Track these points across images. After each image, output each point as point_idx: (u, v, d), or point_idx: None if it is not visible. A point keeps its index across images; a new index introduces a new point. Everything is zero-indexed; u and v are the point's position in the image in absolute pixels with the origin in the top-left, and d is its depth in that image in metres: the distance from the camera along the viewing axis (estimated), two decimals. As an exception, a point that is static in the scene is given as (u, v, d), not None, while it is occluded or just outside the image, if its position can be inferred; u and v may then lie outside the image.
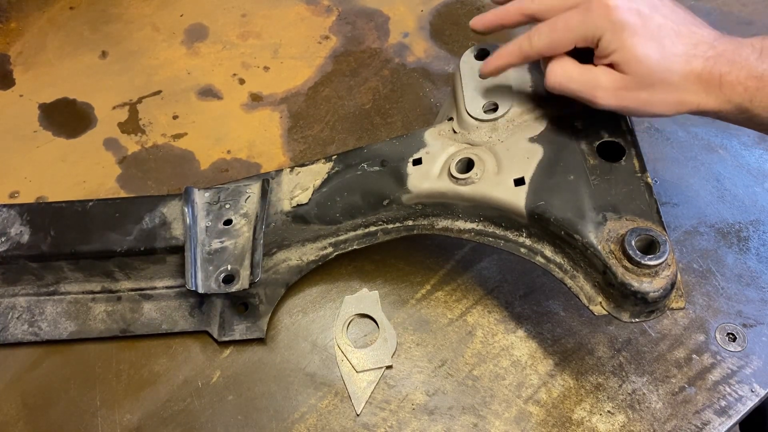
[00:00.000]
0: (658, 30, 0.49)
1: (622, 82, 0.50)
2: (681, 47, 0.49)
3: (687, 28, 0.50)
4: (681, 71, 0.49)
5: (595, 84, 0.51)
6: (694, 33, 0.50)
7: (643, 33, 0.49)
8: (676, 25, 0.50)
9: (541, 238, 0.57)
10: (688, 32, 0.50)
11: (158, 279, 0.65)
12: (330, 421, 0.60)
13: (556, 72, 0.53)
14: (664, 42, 0.49)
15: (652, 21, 0.49)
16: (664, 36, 0.49)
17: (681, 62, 0.49)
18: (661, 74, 0.49)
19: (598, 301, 0.53)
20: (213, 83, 0.85)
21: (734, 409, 0.59)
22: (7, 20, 0.92)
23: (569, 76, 0.52)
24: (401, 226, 0.63)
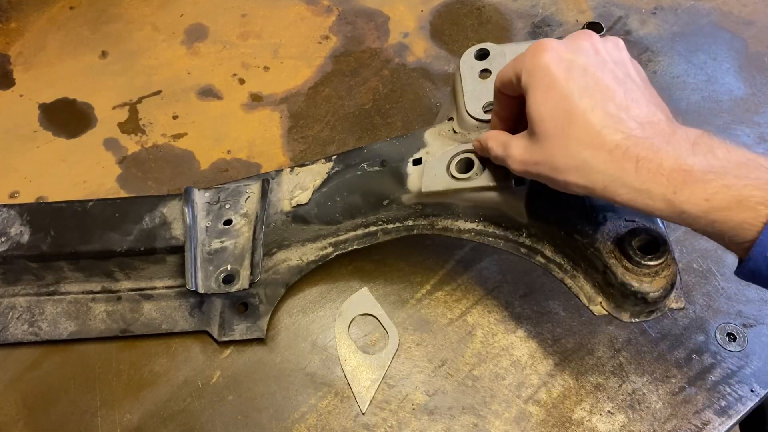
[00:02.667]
0: (579, 92, 0.44)
1: (528, 149, 0.47)
2: (599, 117, 0.43)
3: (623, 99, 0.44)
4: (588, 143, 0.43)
5: (508, 150, 0.49)
6: (628, 105, 0.44)
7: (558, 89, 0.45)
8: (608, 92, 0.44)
9: (541, 238, 0.57)
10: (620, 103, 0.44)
11: (158, 279, 0.65)
12: (330, 421, 0.60)
13: (492, 147, 0.52)
14: (579, 106, 0.44)
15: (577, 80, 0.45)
16: (581, 100, 0.44)
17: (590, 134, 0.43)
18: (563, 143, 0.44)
19: (598, 301, 0.53)
20: (213, 83, 0.85)
21: (734, 409, 0.59)
22: (7, 20, 0.92)
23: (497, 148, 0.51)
24: (401, 226, 0.63)
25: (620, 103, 0.44)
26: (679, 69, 0.82)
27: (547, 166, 0.46)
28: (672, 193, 0.41)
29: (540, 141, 0.46)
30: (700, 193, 0.40)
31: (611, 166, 0.43)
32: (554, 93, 0.45)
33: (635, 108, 0.44)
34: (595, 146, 0.43)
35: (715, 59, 0.82)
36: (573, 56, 0.46)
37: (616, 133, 0.43)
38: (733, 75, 0.81)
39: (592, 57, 0.46)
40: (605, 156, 0.43)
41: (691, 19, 0.87)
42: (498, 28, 0.88)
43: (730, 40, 0.84)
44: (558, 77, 0.45)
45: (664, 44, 0.84)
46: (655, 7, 0.88)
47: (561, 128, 0.44)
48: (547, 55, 0.46)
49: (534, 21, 0.88)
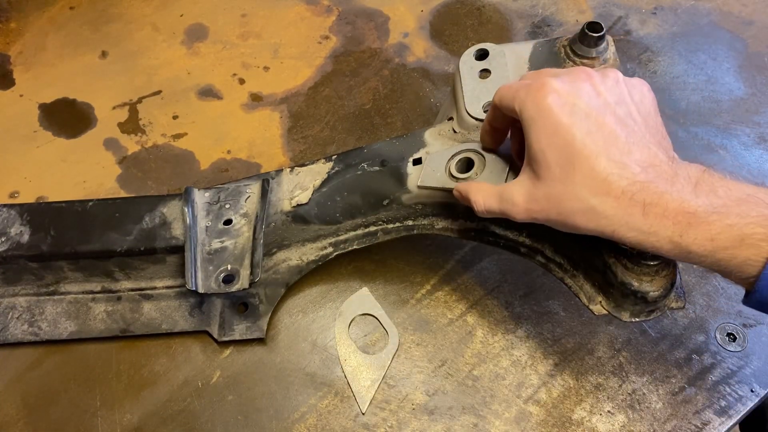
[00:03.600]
0: (583, 137, 0.44)
1: (531, 195, 0.47)
2: (604, 163, 0.44)
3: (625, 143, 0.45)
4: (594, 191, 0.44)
5: (509, 202, 0.49)
6: (630, 149, 0.44)
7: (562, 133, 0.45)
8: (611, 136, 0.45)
9: (541, 238, 0.57)
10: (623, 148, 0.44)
11: (158, 279, 0.65)
12: (330, 421, 0.60)
13: (478, 201, 0.51)
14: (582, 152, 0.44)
15: (581, 125, 0.45)
16: (586, 145, 0.44)
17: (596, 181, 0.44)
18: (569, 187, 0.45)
19: (598, 301, 0.53)
20: (213, 83, 0.85)
21: (734, 409, 0.59)
22: (7, 20, 0.92)
23: (489, 201, 0.51)
24: (401, 226, 0.63)
25: (622, 147, 0.45)
26: (679, 69, 0.82)
27: (554, 211, 0.46)
28: (678, 236, 0.43)
29: (545, 184, 0.46)
30: (705, 234, 0.42)
31: (619, 212, 0.44)
32: (558, 138, 0.45)
33: (637, 152, 0.45)
34: (601, 193, 0.44)
35: (715, 59, 0.82)
36: (575, 100, 0.46)
37: (621, 179, 0.44)
38: (733, 75, 0.81)
39: (594, 100, 0.46)
40: (612, 202, 0.44)
41: (691, 19, 0.87)
42: (498, 28, 0.88)
43: (730, 40, 0.84)
44: (562, 122, 0.45)
45: (664, 44, 0.84)
46: (655, 7, 0.88)
47: (566, 173, 0.45)
48: (550, 98, 0.45)
49: (534, 21, 0.88)
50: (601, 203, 0.44)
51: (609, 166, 0.44)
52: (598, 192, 0.44)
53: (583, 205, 0.45)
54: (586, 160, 0.44)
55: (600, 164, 0.44)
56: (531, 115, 0.46)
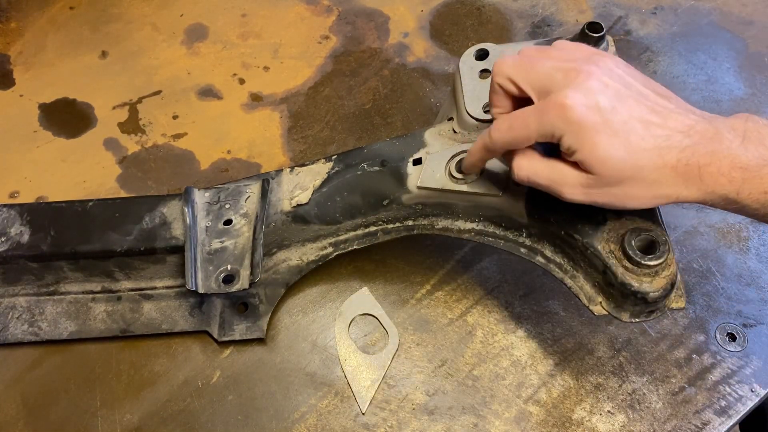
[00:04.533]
0: (623, 125, 0.45)
1: (588, 180, 0.47)
2: (651, 141, 0.45)
3: (658, 116, 0.46)
4: (653, 166, 0.45)
5: (561, 181, 0.49)
6: (666, 121, 0.46)
7: (605, 131, 0.45)
8: (645, 114, 0.46)
9: (541, 238, 0.57)
10: (659, 121, 0.46)
11: (158, 279, 0.65)
12: (330, 421, 0.60)
13: (522, 166, 0.50)
14: (630, 138, 0.45)
15: (615, 116, 0.45)
16: (629, 131, 0.45)
17: (652, 157, 0.45)
18: (629, 172, 0.46)
19: (598, 301, 0.53)
20: (213, 83, 0.85)
21: (734, 409, 0.59)
22: (7, 20, 0.92)
23: (535, 171, 0.50)
24: (401, 226, 0.63)
25: (658, 121, 0.46)
26: (679, 69, 0.82)
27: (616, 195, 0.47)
28: (735, 194, 0.45)
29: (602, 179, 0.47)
30: (759, 187, 0.44)
31: (679, 179, 0.45)
32: (601, 137, 0.45)
33: (671, 120, 0.46)
34: (660, 167, 0.45)
35: (715, 59, 0.82)
36: (595, 99, 0.46)
37: (672, 149, 0.45)
38: (733, 75, 0.81)
39: (609, 92, 0.46)
40: (671, 172, 0.45)
41: (691, 19, 0.87)
42: (498, 28, 0.88)
43: (730, 40, 0.84)
44: (597, 124, 0.45)
45: (664, 44, 0.84)
46: (655, 7, 0.88)
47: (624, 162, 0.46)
48: (578, 110, 0.45)
49: (534, 21, 0.88)
50: (663, 175, 0.45)
51: (657, 141, 0.45)
52: (657, 166, 0.45)
53: (646, 182, 0.46)
54: (636, 144, 0.45)
55: (649, 142, 0.45)
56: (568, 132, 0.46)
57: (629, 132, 0.45)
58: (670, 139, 0.45)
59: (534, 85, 0.49)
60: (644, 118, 0.46)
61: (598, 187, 0.47)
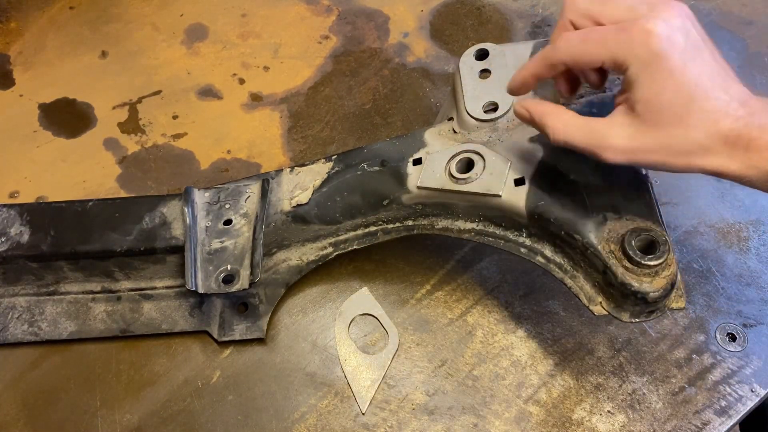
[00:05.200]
0: (696, 78, 0.44)
1: (635, 137, 0.46)
2: (713, 103, 0.44)
3: (723, 80, 0.45)
4: (705, 131, 0.44)
5: (603, 140, 0.47)
6: (729, 87, 0.45)
7: (679, 77, 0.44)
8: (715, 74, 0.45)
9: (541, 238, 0.57)
10: (723, 85, 0.45)
11: (158, 279, 0.65)
12: (330, 421, 0.60)
13: (557, 128, 0.48)
14: (696, 95, 0.44)
15: (692, 65, 0.44)
16: (698, 87, 0.44)
17: (708, 121, 0.44)
18: (681, 132, 0.45)
19: (598, 301, 0.53)
20: (213, 83, 0.85)
21: (734, 409, 0.59)
22: (7, 20, 0.92)
23: (572, 132, 0.48)
24: (401, 226, 0.63)
25: (723, 84, 0.45)
26: (679, 69, 0.82)
27: (663, 152, 0.46)
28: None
29: (656, 129, 0.45)
30: None
31: (726, 149, 0.44)
32: (674, 81, 0.44)
33: (732, 87, 0.45)
34: (713, 133, 0.44)
35: (715, 59, 0.82)
36: (681, 38, 0.44)
37: (728, 117, 0.44)
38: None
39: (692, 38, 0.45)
40: (721, 141, 0.44)
41: (691, 19, 0.87)
42: (498, 28, 0.88)
43: (730, 40, 0.84)
44: (676, 64, 0.44)
45: (664, 44, 0.84)
46: (655, 7, 0.88)
47: (680, 116, 0.44)
48: (664, 42, 0.44)
49: (534, 21, 0.88)
50: (714, 143, 0.44)
51: (717, 105, 0.44)
52: (710, 133, 0.44)
53: (696, 146, 0.45)
54: (699, 102, 0.44)
55: (710, 104, 0.44)
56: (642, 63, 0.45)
57: (698, 87, 0.44)
58: (729, 106, 0.44)
59: (615, 15, 0.47)
60: (713, 77, 0.45)
61: (642, 146, 0.46)
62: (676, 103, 0.44)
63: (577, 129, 0.48)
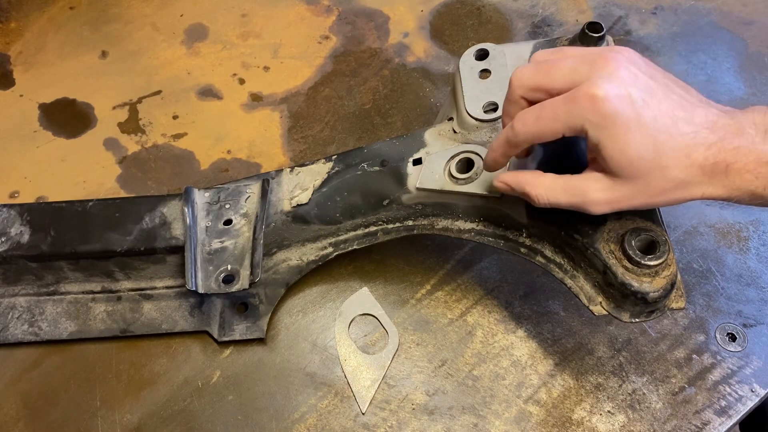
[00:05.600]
0: (654, 122, 0.44)
1: (614, 189, 0.46)
2: (679, 139, 0.44)
3: (685, 111, 0.45)
4: (680, 166, 0.44)
5: (584, 196, 0.47)
6: (692, 117, 0.45)
7: (636, 129, 0.44)
8: (673, 109, 0.45)
9: (541, 238, 0.57)
10: (686, 117, 0.45)
11: (158, 279, 0.65)
12: (330, 421, 0.60)
13: (540, 194, 0.49)
14: (660, 137, 0.44)
15: (646, 111, 0.44)
16: (660, 129, 0.44)
17: (680, 157, 0.44)
18: (658, 175, 0.45)
19: (598, 301, 0.53)
20: (213, 83, 0.85)
21: (734, 409, 0.59)
22: (7, 20, 0.92)
23: (554, 194, 0.49)
24: (401, 226, 0.63)
25: (685, 116, 0.45)
26: (679, 69, 0.82)
27: (644, 196, 0.46)
28: (762, 188, 0.45)
29: (631, 180, 0.46)
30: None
31: (705, 178, 0.45)
32: (633, 135, 0.44)
33: (697, 115, 0.45)
34: (687, 165, 0.45)
35: (715, 59, 0.82)
36: (627, 90, 0.44)
37: (699, 147, 0.44)
38: (733, 75, 0.81)
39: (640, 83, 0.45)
40: (697, 170, 0.45)
41: (691, 19, 0.87)
42: (498, 28, 0.88)
43: (730, 40, 0.84)
44: (630, 119, 0.44)
45: (664, 44, 0.84)
46: (655, 7, 0.88)
47: (651, 163, 0.45)
48: (610, 102, 0.44)
49: (534, 21, 0.88)
50: (690, 174, 0.45)
51: (685, 139, 0.44)
52: (684, 166, 0.45)
53: (676, 183, 0.45)
54: (666, 144, 0.44)
55: (677, 141, 0.44)
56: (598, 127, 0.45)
57: (659, 130, 0.44)
58: (697, 136, 0.44)
59: (561, 83, 0.47)
60: (673, 114, 0.45)
61: (623, 195, 0.46)
62: (644, 153, 0.44)
63: (558, 190, 0.49)
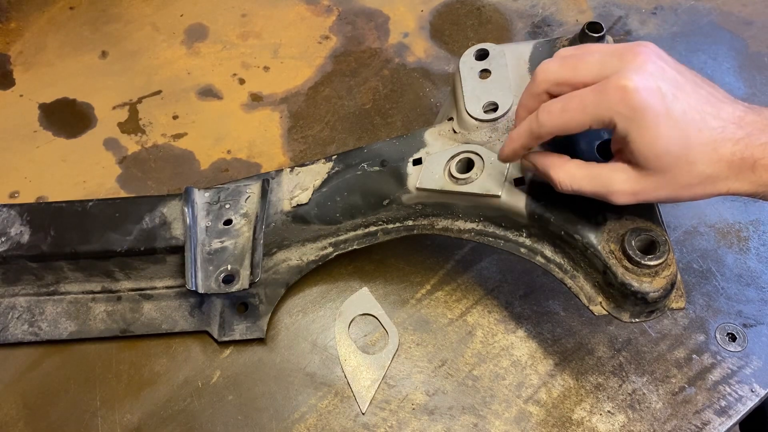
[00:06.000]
0: (683, 116, 0.44)
1: (639, 180, 0.46)
2: (707, 134, 0.44)
3: (712, 106, 0.45)
4: (708, 161, 0.44)
5: (609, 186, 0.47)
6: (719, 112, 0.45)
7: (666, 122, 0.43)
8: (701, 104, 0.45)
9: (541, 238, 0.57)
10: (713, 112, 0.45)
11: (158, 279, 0.65)
12: (330, 421, 0.60)
13: (563, 180, 0.49)
14: (689, 131, 0.44)
15: (675, 105, 0.44)
16: (688, 123, 0.44)
17: (707, 151, 0.44)
18: (685, 169, 0.45)
19: (598, 301, 0.53)
20: (213, 83, 0.85)
21: (734, 409, 0.59)
22: (7, 20, 0.92)
23: (578, 181, 0.48)
24: (401, 226, 0.63)
25: (713, 111, 0.45)
26: (679, 69, 0.82)
27: (669, 189, 0.46)
28: None
29: (658, 173, 0.46)
30: None
31: (732, 173, 0.45)
32: (663, 128, 0.44)
33: (723, 110, 0.45)
34: (715, 161, 0.45)
35: (715, 59, 0.82)
36: (657, 83, 0.44)
37: (726, 142, 0.44)
38: (733, 75, 0.81)
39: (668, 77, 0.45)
40: (725, 166, 0.45)
41: (691, 19, 0.87)
42: (498, 28, 0.88)
43: (730, 40, 0.84)
44: (660, 112, 0.44)
45: (664, 44, 0.83)
46: (655, 7, 0.88)
47: (679, 157, 0.45)
48: (641, 95, 0.44)
49: (534, 21, 0.88)
50: (717, 170, 0.45)
51: (713, 134, 0.44)
52: (712, 160, 0.44)
53: (703, 178, 0.45)
54: (694, 138, 0.44)
55: (705, 136, 0.44)
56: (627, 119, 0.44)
57: (688, 124, 0.44)
58: (725, 131, 0.44)
59: (589, 76, 0.46)
60: (701, 108, 0.45)
61: (649, 187, 0.46)
62: (672, 147, 0.44)
63: (582, 178, 0.48)
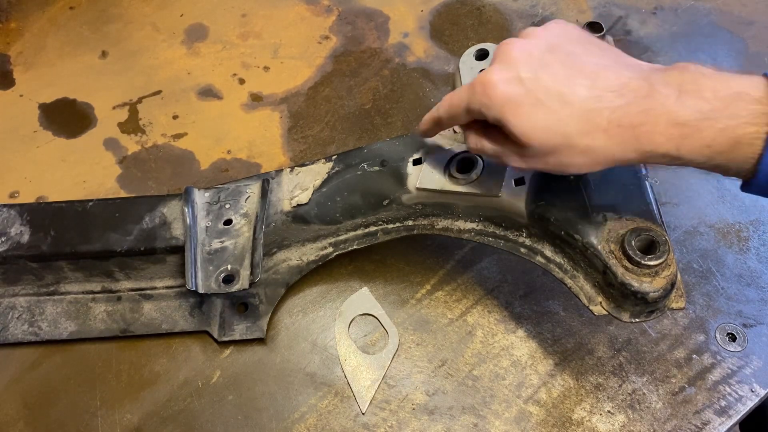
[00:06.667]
0: (546, 93, 0.45)
1: (525, 160, 0.49)
2: (578, 105, 0.45)
3: (586, 77, 0.45)
4: (581, 131, 0.45)
5: (503, 153, 0.50)
6: (596, 81, 0.45)
7: (527, 102, 0.46)
8: (572, 77, 0.46)
9: (541, 238, 0.57)
10: (587, 83, 0.45)
11: (158, 279, 0.65)
12: (330, 421, 0.60)
13: (470, 142, 0.53)
14: (553, 106, 0.45)
15: (537, 84, 0.46)
16: (553, 98, 0.45)
17: (579, 122, 0.45)
18: (558, 139, 0.46)
19: (598, 301, 0.53)
20: (213, 83, 0.85)
21: (734, 409, 0.59)
22: (7, 20, 0.92)
23: (482, 146, 0.52)
24: (401, 226, 0.63)
25: (585, 82, 0.45)
26: (679, 69, 0.82)
27: (552, 162, 0.48)
28: (675, 150, 0.43)
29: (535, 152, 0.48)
30: (699, 142, 0.42)
31: (612, 142, 0.44)
32: (526, 111, 0.46)
33: (602, 79, 0.45)
34: (590, 131, 0.45)
35: (715, 59, 0.82)
36: (517, 71, 0.46)
37: (602, 110, 0.44)
38: (733, 75, 0.81)
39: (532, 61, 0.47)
40: (602, 135, 0.44)
41: (691, 19, 0.87)
42: (498, 28, 0.88)
43: (730, 40, 0.84)
44: (520, 99, 0.46)
45: (664, 44, 0.84)
46: (655, 7, 0.88)
47: (552, 133, 0.46)
48: (499, 87, 0.46)
49: (534, 21, 0.88)
50: (594, 140, 0.45)
51: (585, 104, 0.45)
52: (587, 131, 0.45)
53: (578, 148, 0.46)
54: (562, 112, 0.45)
55: (575, 107, 0.45)
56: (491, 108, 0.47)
57: (552, 99, 0.45)
58: (601, 100, 0.44)
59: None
60: (571, 82, 0.45)
61: (534, 157, 0.48)
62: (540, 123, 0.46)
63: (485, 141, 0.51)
